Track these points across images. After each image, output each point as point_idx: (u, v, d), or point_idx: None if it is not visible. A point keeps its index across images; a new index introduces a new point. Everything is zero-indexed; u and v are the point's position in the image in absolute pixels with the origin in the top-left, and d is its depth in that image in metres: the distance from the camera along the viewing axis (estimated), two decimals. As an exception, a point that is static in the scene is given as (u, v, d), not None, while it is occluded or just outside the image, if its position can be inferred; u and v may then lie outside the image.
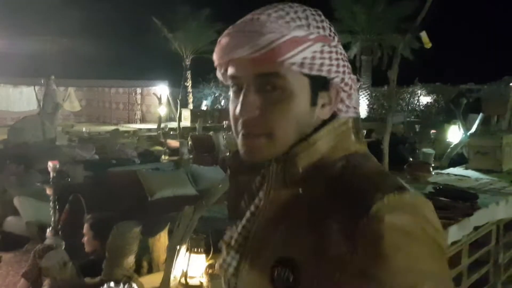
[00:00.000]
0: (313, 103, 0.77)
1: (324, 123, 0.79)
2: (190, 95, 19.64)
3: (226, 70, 0.79)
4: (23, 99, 13.88)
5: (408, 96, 21.08)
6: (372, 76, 21.20)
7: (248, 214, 0.82)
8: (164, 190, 5.70)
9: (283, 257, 0.73)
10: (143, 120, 17.30)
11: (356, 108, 0.82)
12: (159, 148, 9.27)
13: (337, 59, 0.77)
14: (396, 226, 0.65)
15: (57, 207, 4.15)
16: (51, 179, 4.20)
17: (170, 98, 14.46)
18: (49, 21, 15.88)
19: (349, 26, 19.87)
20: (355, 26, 19.95)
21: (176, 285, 2.65)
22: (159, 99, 12.92)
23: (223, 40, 0.75)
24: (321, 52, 0.75)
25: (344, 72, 0.78)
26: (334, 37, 0.78)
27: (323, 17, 0.78)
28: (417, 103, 21.05)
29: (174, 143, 9.94)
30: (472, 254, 3.08)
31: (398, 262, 0.64)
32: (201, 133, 11.67)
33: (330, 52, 0.76)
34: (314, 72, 0.75)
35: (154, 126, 13.68)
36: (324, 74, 0.76)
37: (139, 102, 17.74)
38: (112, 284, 2.27)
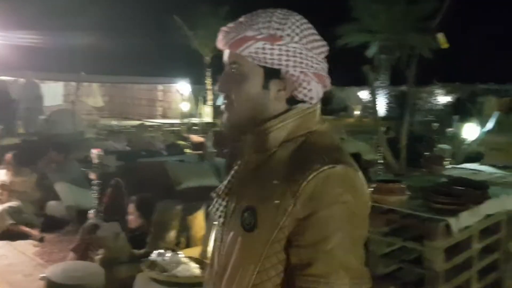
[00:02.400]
0: (265, 86, 1.01)
1: (292, 104, 1.03)
2: (210, 93, 19.99)
3: None
4: (50, 94, 14.37)
5: (426, 95, 21.10)
6: (390, 75, 21.23)
7: (232, 172, 1.09)
8: (190, 180, 5.97)
9: (248, 205, 0.99)
10: (164, 116, 17.73)
11: (314, 98, 1.03)
12: (182, 142, 9.65)
13: (279, 55, 0.99)
14: (324, 190, 0.91)
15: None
16: (94, 165, 4.58)
17: (191, 95, 14.85)
18: (77, 17, 16.35)
19: (368, 25, 19.91)
20: (373, 25, 19.98)
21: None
22: (182, 95, 13.32)
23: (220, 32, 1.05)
24: (263, 48, 0.98)
25: (287, 66, 0.99)
26: (286, 37, 0.99)
27: (282, 21, 1.00)
28: (435, 102, 21.06)
29: (196, 138, 10.31)
30: (482, 240, 3.34)
31: (320, 216, 0.91)
32: (222, 128, 11.99)
33: (272, 49, 0.98)
34: (261, 63, 1.00)
35: (176, 121, 14.10)
36: (268, 65, 0.99)
37: (160, 98, 18.16)
38: (160, 251, 2.61)
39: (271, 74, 1.00)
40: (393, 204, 3.24)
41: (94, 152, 4.65)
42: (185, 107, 13.34)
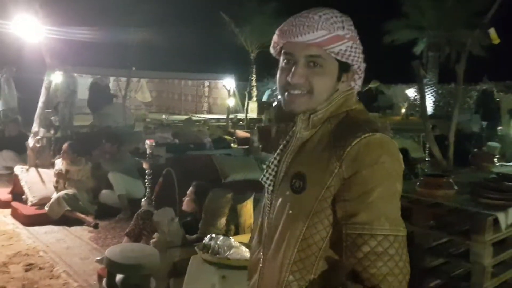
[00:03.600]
0: (338, 79, 1.21)
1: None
2: (254, 89, 20.14)
3: (281, 48, 1.24)
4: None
5: (476, 93, 20.36)
6: (439, 73, 20.64)
7: (281, 146, 1.27)
8: (236, 173, 6.11)
9: (298, 172, 1.18)
10: (209, 111, 18.06)
11: (360, 85, 1.26)
12: (228, 137, 9.84)
13: (358, 52, 1.20)
14: (365, 153, 1.09)
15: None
16: (147, 156, 4.81)
17: (236, 91, 15.06)
18: (128, 14, 16.86)
19: (416, 21, 19.46)
20: (422, 21, 19.50)
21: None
22: (228, 91, 13.56)
23: (285, 27, 1.20)
24: (351, 47, 1.18)
25: (360, 62, 1.21)
26: (357, 37, 1.20)
27: (351, 22, 1.20)
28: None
29: (242, 133, 10.50)
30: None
31: (363, 175, 1.08)
32: (267, 124, 12.13)
33: (356, 48, 1.19)
34: (343, 59, 1.18)
35: (222, 116, 14.35)
36: (348, 61, 1.19)
37: (206, 94, 18.50)
38: (213, 235, 2.75)
39: (344, 67, 1.20)
40: (439, 198, 3.24)
41: (147, 143, 4.87)
42: (231, 102, 13.57)
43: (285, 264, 1.17)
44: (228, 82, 14.37)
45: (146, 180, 4.90)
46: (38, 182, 5.77)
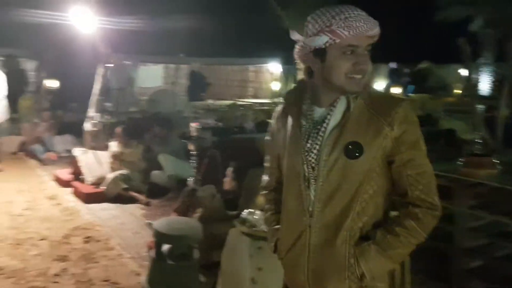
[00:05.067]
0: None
1: None
2: (300, 72, 20.04)
3: (339, 41, 1.41)
4: (150, 76, 15.35)
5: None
6: (496, 52, 19.62)
7: (320, 127, 1.48)
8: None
9: (351, 141, 1.42)
10: (255, 96, 18.22)
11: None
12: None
13: None
14: (408, 115, 1.42)
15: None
16: (193, 138, 5.06)
17: (282, 75, 15.08)
18: (174, 1, 17.15)
19: (471, -3, 18.59)
20: (477, -3, 18.58)
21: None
22: (272, 75, 13.63)
23: (354, 24, 1.40)
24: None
25: None
26: None
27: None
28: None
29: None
30: None
31: (411, 130, 1.42)
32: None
33: None
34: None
35: (266, 101, 14.48)
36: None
37: (252, 79, 18.66)
38: (251, 210, 2.92)
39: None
40: (482, 178, 3.23)
41: (193, 125, 5.13)
42: (276, 86, 13.66)
43: (347, 216, 1.42)
44: (273, 67, 14.43)
45: (192, 161, 5.16)
46: (95, 163, 6.19)
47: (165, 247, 3.07)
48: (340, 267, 1.44)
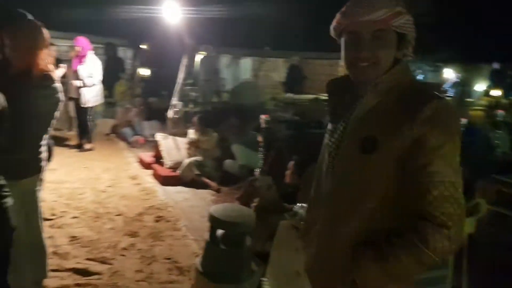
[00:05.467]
0: (397, 48, 1.38)
1: (397, 61, 1.39)
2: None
3: (343, 28, 1.39)
4: (239, 68, 15.70)
5: None
6: None
7: (344, 115, 1.44)
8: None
9: (368, 135, 1.33)
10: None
11: (411, 54, 1.41)
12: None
13: (411, 24, 1.37)
14: (435, 115, 1.25)
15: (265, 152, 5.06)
16: (262, 130, 5.14)
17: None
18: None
19: None
20: None
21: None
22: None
23: (349, 9, 1.36)
24: (408, 20, 1.36)
25: (411, 31, 1.38)
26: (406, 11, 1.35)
27: None
28: None
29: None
30: None
31: (437, 132, 1.24)
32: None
33: (410, 20, 1.36)
34: (401, 31, 1.36)
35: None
36: (405, 32, 1.36)
37: (341, 74, 18.29)
38: (303, 204, 2.92)
39: (402, 38, 1.37)
40: None
41: (262, 117, 5.21)
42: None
43: (353, 215, 1.35)
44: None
45: (260, 153, 5.25)
46: (174, 148, 6.53)
47: (219, 232, 3.18)
48: (336, 267, 1.39)
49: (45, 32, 2.62)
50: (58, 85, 2.74)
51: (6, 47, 2.61)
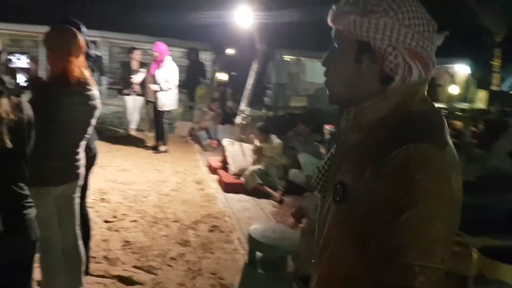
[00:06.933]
0: (357, 60, 1.03)
1: (388, 84, 1.02)
2: (497, 76, 17.60)
3: None
4: (315, 72, 15.40)
5: None
6: None
7: (332, 150, 1.20)
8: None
9: (340, 180, 1.05)
10: (433, 99, 16.68)
11: (399, 74, 1.01)
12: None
13: (368, 27, 1.00)
14: (402, 168, 0.90)
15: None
16: (325, 140, 4.80)
17: (469, 78, 13.45)
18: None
19: None
20: None
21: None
22: (452, 77, 12.23)
23: None
24: (354, 21, 1.01)
25: (374, 38, 1.00)
26: (381, 11, 0.99)
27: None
28: None
29: (458, 124, 9.38)
30: None
31: (396, 193, 0.90)
32: (497, 117, 10.51)
33: (362, 21, 1.00)
34: (352, 37, 1.03)
35: (441, 105, 13.10)
36: (360, 38, 1.02)
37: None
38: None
39: (363, 48, 1.03)
40: None
41: (327, 128, 4.85)
42: (454, 90, 12.24)
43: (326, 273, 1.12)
44: (459, 68, 12.94)
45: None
46: (240, 154, 6.41)
47: (259, 253, 2.94)
48: None
49: (81, 39, 2.57)
50: (93, 92, 2.69)
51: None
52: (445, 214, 0.91)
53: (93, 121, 2.76)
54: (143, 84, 8.40)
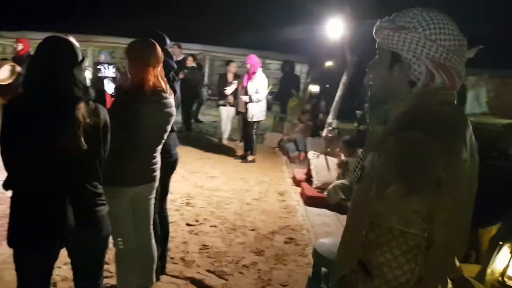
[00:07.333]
0: (390, 68, 1.26)
1: (413, 87, 1.23)
2: None
3: None
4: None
5: None
6: None
7: (365, 141, 1.37)
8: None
9: (363, 165, 1.27)
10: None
11: (421, 80, 1.21)
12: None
13: (398, 41, 1.22)
14: (389, 150, 1.13)
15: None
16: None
17: None
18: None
19: None
20: None
21: (492, 280, 2.49)
22: None
23: None
24: (388, 35, 1.25)
25: (402, 50, 1.22)
26: (411, 28, 1.21)
27: (418, 16, 1.22)
28: None
29: None
30: None
31: (382, 170, 1.13)
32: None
33: (393, 36, 1.23)
34: (387, 48, 1.26)
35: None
36: (391, 49, 1.25)
37: None
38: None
39: (395, 58, 1.25)
40: None
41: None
42: None
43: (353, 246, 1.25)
44: None
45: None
46: (324, 168, 6.30)
47: (324, 269, 2.86)
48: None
49: (159, 51, 2.73)
50: (169, 100, 2.84)
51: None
52: (426, 191, 1.07)
53: (168, 128, 2.91)
54: (235, 95, 8.67)
